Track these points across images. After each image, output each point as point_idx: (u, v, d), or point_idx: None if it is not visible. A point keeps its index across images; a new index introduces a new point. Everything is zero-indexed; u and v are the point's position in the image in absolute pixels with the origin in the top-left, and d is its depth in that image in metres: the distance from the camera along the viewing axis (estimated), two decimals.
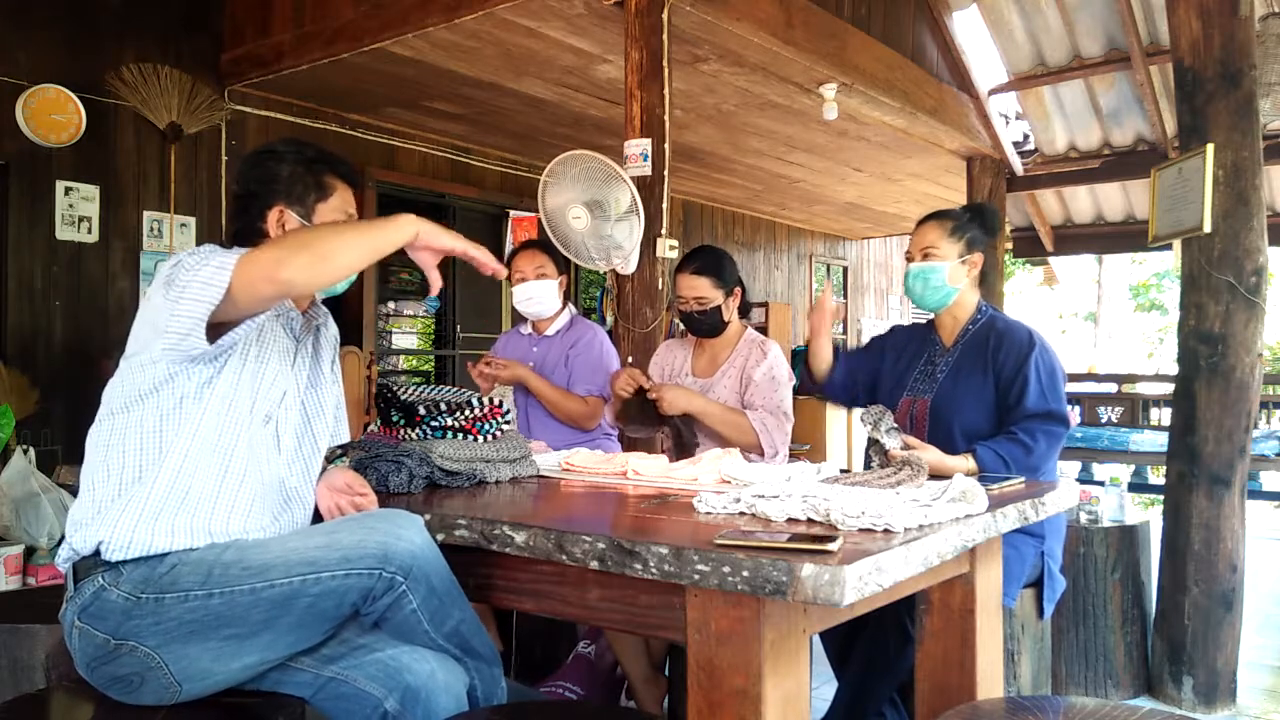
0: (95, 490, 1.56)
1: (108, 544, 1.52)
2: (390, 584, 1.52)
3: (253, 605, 1.50)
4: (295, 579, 1.50)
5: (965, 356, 2.38)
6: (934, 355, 2.46)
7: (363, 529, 1.56)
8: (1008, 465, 2.16)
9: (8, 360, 4.41)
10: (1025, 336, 2.31)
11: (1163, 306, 18.03)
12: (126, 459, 1.56)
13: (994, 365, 2.31)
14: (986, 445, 2.20)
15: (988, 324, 2.40)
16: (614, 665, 2.73)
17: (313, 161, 1.76)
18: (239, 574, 1.51)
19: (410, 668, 1.54)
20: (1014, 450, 2.18)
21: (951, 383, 2.36)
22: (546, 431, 3.06)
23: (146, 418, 1.57)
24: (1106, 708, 1.44)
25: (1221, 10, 3.16)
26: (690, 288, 2.78)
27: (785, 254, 10.25)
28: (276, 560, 1.52)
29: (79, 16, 4.72)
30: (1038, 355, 2.26)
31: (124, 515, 1.53)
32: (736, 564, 1.25)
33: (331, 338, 1.88)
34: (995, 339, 2.34)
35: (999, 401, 2.29)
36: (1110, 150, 6.82)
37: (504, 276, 1.85)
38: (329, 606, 1.52)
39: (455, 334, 6.80)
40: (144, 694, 1.52)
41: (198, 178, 5.24)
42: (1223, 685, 3.14)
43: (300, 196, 1.74)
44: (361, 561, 1.51)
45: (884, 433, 2.18)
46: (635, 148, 3.62)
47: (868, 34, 5.23)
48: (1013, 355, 2.28)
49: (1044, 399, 2.23)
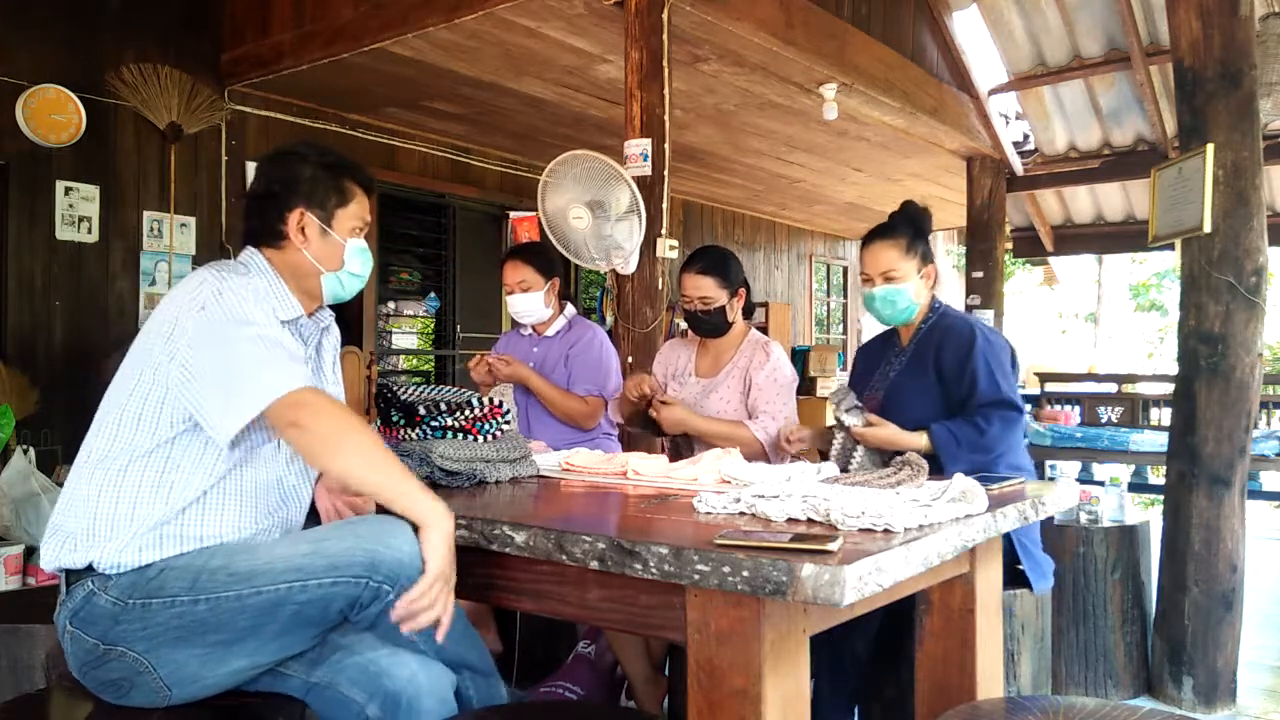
0: (90, 503, 1.56)
1: (100, 562, 1.53)
2: (377, 593, 1.51)
3: (239, 611, 1.49)
4: (281, 586, 1.49)
5: (917, 353, 2.45)
6: (892, 355, 2.54)
7: (351, 536, 1.54)
8: (959, 444, 2.23)
9: (8, 360, 4.41)
10: (967, 331, 2.37)
11: (1163, 306, 18.02)
12: (127, 477, 1.56)
13: (937, 362, 2.38)
14: (942, 424, 2.27)
15: (938, 320, 2.46)
16: (614, 665, 2.72)
17: (334, 166, 1.77)
18: (225, 580, 1.50)
19: (389, 672, 1.52)
20: (967, 431, 2.25)
21: (901, 379, 2.45)
22: (546, 431, 3.06)
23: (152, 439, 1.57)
24: (1106, 708, 1.44)
25: (1221, 10, 3.16)
26: (695, 287, 2.78)
27: (785, 254, 10.25)
28: (263, 567, 1.51)
29: (79, 16, 4.72)
30: (981, 347, 2.32)
31: (120, 535, 1.53)
32: (736, 564, 1.25)
33: (334, 341, 1.89)
34: (939, 335, 2.41)
35: (947, 397, 2.35)
36: (1110, 150, 6.82)
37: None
38: (315, 614, 1.52)
39: (455, 334, 6.80)
40: (134, 697, 1.53)
41: (198, 178, 5.24)
42: (1223, 685, 3.14)
43: (321, 200, 1.74)
44: (349, 570, 1.50)
45: (844, 411, 2.33)
46: (635, 148, 3.62)
47: (868, 34, 5.23)
48: (956, 351, 2.35)
49: (995, 387, 2.29)
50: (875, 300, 2.45)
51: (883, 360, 2.57)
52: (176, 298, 1.61)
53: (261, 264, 1.73)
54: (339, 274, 1.77)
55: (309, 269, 1.75)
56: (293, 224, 1.72)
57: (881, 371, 2.54)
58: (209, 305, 1.56)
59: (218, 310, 1.56)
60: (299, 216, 1.73)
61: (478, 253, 6.90)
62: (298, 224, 1.72)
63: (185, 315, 1.56)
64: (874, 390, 2.51)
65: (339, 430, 1.53)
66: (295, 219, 1.72)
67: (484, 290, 6.88)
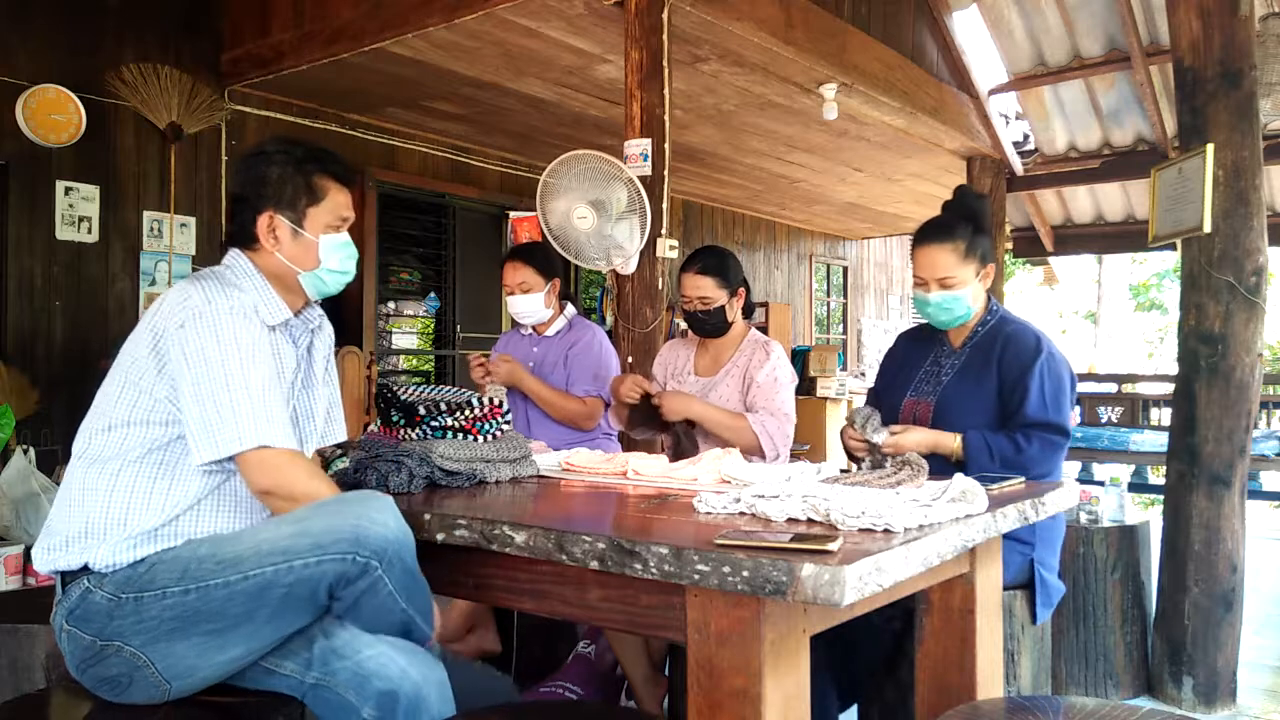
0: (83, 506, 1.57)
1: (94, 562, 1.53)
2: (364, 568, 1.51)
3: (228, 598, 1.49)
4: (268, 569, 1.49)
5: (973, 358, 2.31)
6: (940, 356, 2.39)
7: (335, 514, 1.54)
8: (992, 456, 2.12)
9: (8, 360, 4.41)
10: (1033, 343, 2.24)
11: (1163, 306, 18.04)
12: (120, 480, 1.57)
13: (999, 367, 2.25)
14: (979, 433, 2.16)
15: (997, 325, 2.33)
16: (614, 665, 2.72)
17: (302, 161, 1.73)
18: (212, 568, 1.51)
19: (378, 673, 1.52)
20: (1003, 444, 2.14)
21: (957, 384, 2.30)
22: (546, 431, 3.06)
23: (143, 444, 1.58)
24: (1106, 708, 1.44)
25: (1221, 10, 3.16)
26: (695, 287, 2.78)
27: (785, 254, 10.25)
28: (248, 551, 1.51)
29: (79, 16, 4.72)
30: (1044, 364, 2.20)
31: (113, 538, 1.54)
32: (736, 564, 1.25)
33: (326, 339, 1.87)
34: (1003, 341, 2.27)
35: (1002, 404, 2.25)
36: (1110, 150, 6.82)
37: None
38: (304, 594, 1.51)
39: (455, 334, 6.80)
40: (134, 693, 1.53)
41: (198, 178, 5.24)
42: (1223, 685, 3.14)
43: (291, 201, 1.71)
44: (334, 547, 1.50)
45: (873, 433, 2.21)
46: (635, 148, 3.62)
47: (868, 34, 5.23)
48: (1017, 360, 2.22)
49: (1044, 409, 2.17)
50: (929, 307, 2.28)
51: (927, 360, 2.41)
52: (162, 310, 1.61)
53: (246, 268, 1.71)
54: (316, 272, 1.75)
55: (284, 270, 1.73)
56: (263, 228, 1.70)
57: (928, 373, 2.38)
58: (188, 324, 1.56)
59: (195, 332, 1.56)
60: (268, 220, 1.70)
61: (478, 253, 6.90)
62: (268, 227, 1.70)
63: (169, 330, 1.57)
64: (923, 396, 2.34)
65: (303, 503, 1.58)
66: (265, 223, 1.70)
67: (484, 290, 6.88)
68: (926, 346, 2.45)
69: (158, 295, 4.93)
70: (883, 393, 2.52)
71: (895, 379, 2.47)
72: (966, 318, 2.31)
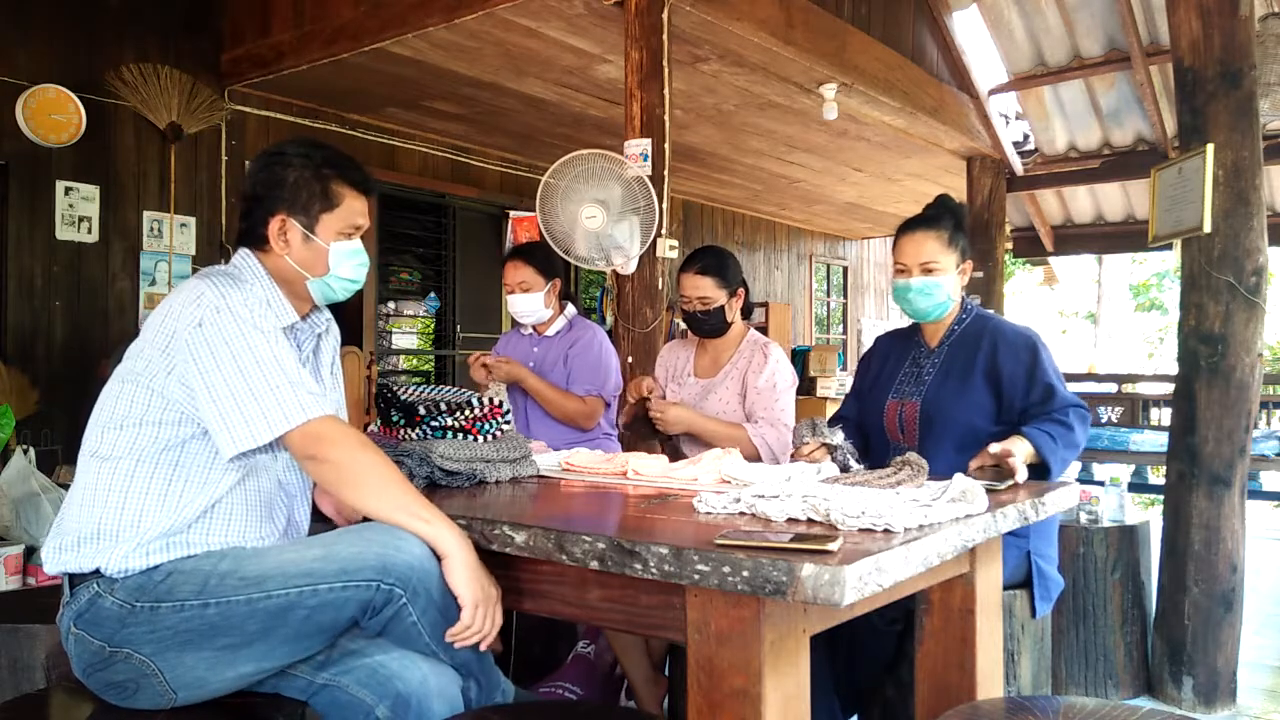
0: (94, 507, 1.55)
1: (106, 566, 1.52)
2: (389, 596, 1.50)
3: (249, 616, 1.48)
4: (292, 590, 1.48)
5: (954, 356, 2.32)
6: (920, 357, 2.39)
7: (361, 540, 1.53)
8: (1056, 442, 2.08)
9: (8, 360, 4.41)
10: (1026, 340, 2.26)
11: (1163, 306, 18.04)
12: (134, 482, 1.55)
13: (992, 367, 2.26)
14: (1032, 426, 2.11)
15: (977, 323, 2.34)
16: (614, 665, 2.72)
17: (321, 167, 1.70)
18: (235, 584, 1.49)
19: (400, 675, 1.52)
20: (1058, 429, 2.11)
21: (940, 383, 2.30)
22: (546, 431, 3.06)
23: (156, 443, 1.56)
24: (1106, 708, 1.44)
25: (1221, 10, 3.16)
26: (694, 288, 2.78)
27: (785, 254, 10.25)
28: (273, 571, 1.50)
29: (79, 16, 4.72)
30: (1042, 353, 2.24)
31: (126, 542, 1.52)
32: (736, 564, 1.25)
33: (333, 342, 1.86)
34: (990, 341, 2.28)
35: (1002, 404, 2.25)
36: (1110, 150, 6.82)
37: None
38: (326, 619, 1.50)
39: (455, 334, 6.80)
40: (139, 700, 1.52)
41: (198, 178, 5.24)
42: (1223, 685, 3.14)
43: (305, 205, 1.68)
44: (359, 574, 1.49)
45: (829, 437, 2.15)
46: (635, 148, 3.62)
47: (868, 34, 5.23)
48: (1019, 360, 2.23)
49: (1065, 391, 2.21)
50: (910, 291, 2.29)
51: (906, 361, 2.41)
52: (173, 309, 1.57)
53: (255, 268, 1.69)
54: (325, 279, 1.72)
55: (293, 274, 1.70)
56: (274, 230, 1.68)
57: (909, 374, 2.38)
58: (206, 322, 1.53)
59: (216, 328, 1.53)
60: (280, 223, 1.68)
61: (478, 253, 6.91)
62: (279, 230, 1.68)
63: (183, 330, 1.54)
64: (906, 397, 2.34)
65: (358, 465, 1.55)
66: (276, 225, 1.68)
67: (484, 290, 6.88)
68: (904, 347, 2.46)
69: (158, 295, 4.95)
70: (862, 396, 2.52)
71: (875, 382, 2.47)
72: (945, 307, 2.33)
